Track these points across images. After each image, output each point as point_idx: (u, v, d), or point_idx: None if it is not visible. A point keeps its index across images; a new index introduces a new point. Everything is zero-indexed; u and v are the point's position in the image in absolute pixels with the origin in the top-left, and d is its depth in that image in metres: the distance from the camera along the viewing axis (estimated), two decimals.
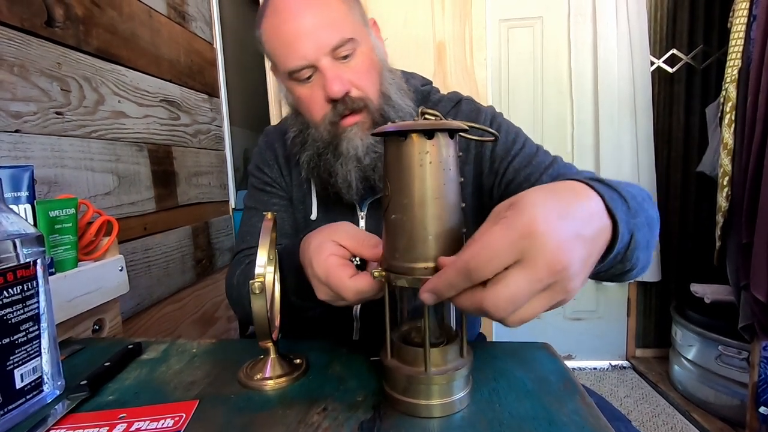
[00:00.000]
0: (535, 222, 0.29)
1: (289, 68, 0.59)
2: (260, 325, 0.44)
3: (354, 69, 0.59)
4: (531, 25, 1.89)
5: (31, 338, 0.43)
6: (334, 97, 0.58)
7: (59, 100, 0.85)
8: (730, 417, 1.50)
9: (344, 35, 0.57)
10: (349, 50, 0.58)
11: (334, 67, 0.58)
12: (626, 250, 0.40)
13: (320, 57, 0.57)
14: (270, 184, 0.76)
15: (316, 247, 0.45)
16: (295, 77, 0.60)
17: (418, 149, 0.35)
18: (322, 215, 0.71)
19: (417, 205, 0.35)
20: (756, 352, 1.30)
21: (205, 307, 1.41)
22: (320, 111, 0.61)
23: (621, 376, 1.91)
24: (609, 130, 1.82)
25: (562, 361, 0.49)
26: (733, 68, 1.33)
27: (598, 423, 0.37)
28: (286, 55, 0.58)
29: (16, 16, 0.76)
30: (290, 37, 0.57)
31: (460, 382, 0.39)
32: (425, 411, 0.38)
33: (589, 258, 0.33)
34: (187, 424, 0.38)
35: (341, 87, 0.57)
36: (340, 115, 0.60)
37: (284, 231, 0.74)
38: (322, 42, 0.57)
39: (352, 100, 0.59)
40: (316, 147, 0.64)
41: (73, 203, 0.65)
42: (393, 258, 0.37)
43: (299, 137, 0.67)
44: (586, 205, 0.34)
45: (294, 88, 0.62)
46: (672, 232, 1.91)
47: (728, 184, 1.36)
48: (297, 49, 0.57)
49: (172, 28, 1.26)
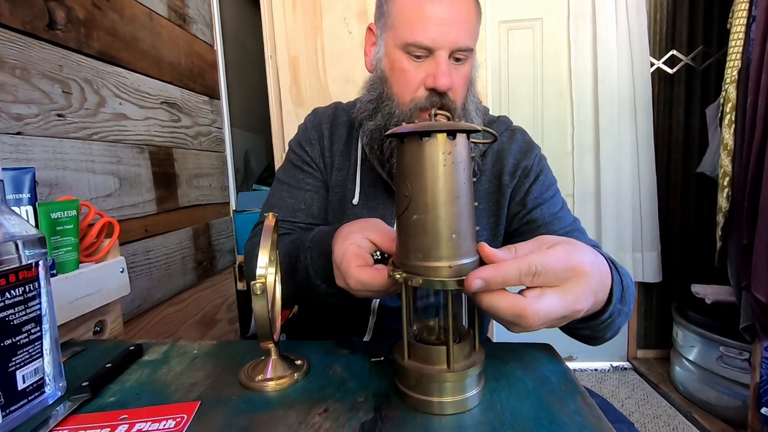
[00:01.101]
0: (585, 265, 0.37)
1: (411, 41, 0.60)
2: (261, 326, 0.44)
3: (459, 74, 0.63)
4: (531, 26, 1.89)
5: (33, 340, 0.43)
6: (440, 88, 0.60)
7: (60, 103, 0.86)
8: (731, 418, 1.50)
9: (470, 43, 0.62)
10: (464, 56, 0.63)
11: (448, 63, 0.61)
12: (601, 325, 0.48)
13: (444, 48, 0.60)
14: (309, 164, 0.76)
15: (345, 235, 0.48)
16: (409, 50, 0.61)
17: (442, 149, 0.36)
18: (364, 201, 0.72)
19: (441, 205, 0.36)
20: (757, 352, 1.29)
21: (206, 309, 1.41)
22: (413, 91, 0.63)
23: (622, 378, 1.91)
24: (609, 131, 1.82)
25: (563, 362, 0.49)
26: (733, 69, 1.33)
27: (600, 423, 0.37)
28: (417, 28, 0.60)
29: (17, 18, 0.76)
30: (431, 16, 0.59)
31: (473, 380, 0.40)
32: (437, 408, 0.39)
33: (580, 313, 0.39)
34: (188, 425, 0.39)
35: (449, 82, 0.60)
36: (432, 105, 0.61)
37: (311, 212, 0.74)
38: (454, 37, 0.59)
39: (447, 97, 0.62)
40: (389, 121, 0.65)
41: (75, 205, 0.65)
42: (416, 258, 0.37)
43: (374, 104, 0.67)
44: (606, 281, 0.43)
45: (400, 58, 0.63)
46: (672, 233, 1.91)
47: (728, 185, 1.36)
48: (430, 31, 0.59)
49: (172, 30, 1.27)
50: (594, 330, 0.49)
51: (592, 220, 1.92)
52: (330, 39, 1.42)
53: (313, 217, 0.74)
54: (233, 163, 1.64)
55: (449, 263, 0.36)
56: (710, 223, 1.52)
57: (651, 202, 1.86)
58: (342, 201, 0.74)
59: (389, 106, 0.65)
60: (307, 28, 1.43)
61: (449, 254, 0.36)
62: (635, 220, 1.87)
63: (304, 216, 0.74)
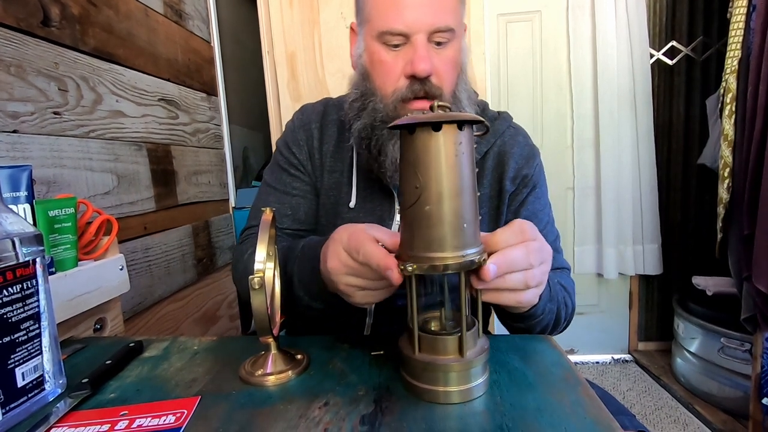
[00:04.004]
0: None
1: (386, 29, 0.58)
2: (260, 321, 0.44)
3: (442, 58, 0.59)
4: (529, 19, 1.88)
5: (32, 337, 0.43)
6: (418, 74, 0.57)
7: (57, 100, 0.85)
8: (733, 409, 1.50)
9: (448, 23, 0.57)
10: (446, 39, 0.58)
11: (427, 47, 0.58)
12: (534, 319, 0.54)
13: (420, 31, 0.57)
14: (296, 167, 0.72)
15: (345, 227, 0.47)
16: (385, 39, 0.59)
17: (453, 140, 0.36)
18: (360, 203, 0.69)
19: (453, 195, 0.37)
20: (759, 343, 1.29)
21: (207, 306, 1.41)
22: (394, 82, 0.60)
23: (623, 370, 1.91)
24: (609, 124, 1.82)
25: (564, 353, 0.49)
26: (733, 59, 1.32)
27: (600, 414, 0.37)
28: (389, 15, 0.57)
29: (11, 15, 0.76)
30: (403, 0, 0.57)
31: (478, 369, 0.40)
32: (443, 397, 0.39)
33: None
34: (188, 420, 0.38)
35: (428, 66, 0.57)
36: (414, 94, 0.59)
37: (297, 218, 0.72)
38: (429, 19, 0.57)
39: (430, 84, 0.58)
40: (374, 118, 0.62)
41: (72, 203, 0.65)
42: (428, 249, 0.38)
43: (358, 102, 0.65)
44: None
45: (378, 49, 0.60)
46: (673, 224, 1.90)
47: (729, 176, 1.35)
48: (403, 15, 0.57)
49: (169, 26, 1.26)
50: (528, 323, 0.55)
51: (592, 214, 1.92)
52: (327, 34, 1.41)
53: (300, 223, 0.72)
54: (232, 159, 1.63)
55: (462, 252, 0.37)
56: (711, 214, 1.52)
57: (651, 195, 1.85)
58: (336, 204, 0.70)
59: (373, 102, 0.62)
60: (304, 23, 1.42)
61: (461, 243, 0.37)
62: (636, 213, 1.87)
63: (290, 222, 0.71)
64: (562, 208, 1.96)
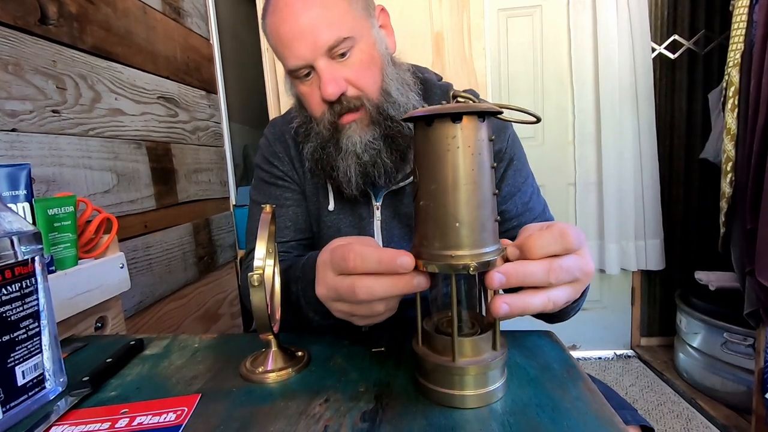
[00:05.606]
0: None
1: (289, 68, 0.60)
2: (260, 318, 0.43)
3: (351, 67, 0.59)
4: (530, 13, 1.87)
5: (32, 335, 0.43)
6: (328, 99, 0.58)
7: (55, 99, 0.85)
8: (736, 404, 1.50)
9: (341, 34, 0.56)
10: (346, 48, 0.58)
11: (330, 67, 0.58)
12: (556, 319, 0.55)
13: (317, 57, 0.57)
14: (282, 178, 0.73)
15: (329, 245, 0.44)
16: (295, 75, 0.61)
17: (445, 134, 0.34)
18: (339, 206, 0.70)
19: (445, 191, 0.35)
20: (761, 338, 1.29)
21: (208, 304, 1.41)
22: (319, 108, 0.61)
23: (626, 365, 1.91)
24: (610, 119, 1.81)
25: (566, 348, 0.49)
26: (736, 52, 1.31)
27: (602, 409, 0.36)
28: (284, 54, 0.59)
29: (8, 13, 0.75)
30: (288, 37, 0.57)
31: (496, 373, 0.38)
32: (459, 401, 0.37)
33: None
34: (189, 417, 0.38)
35: (335, 89, 0.57)
36: (338, 114, 0.60)
37: (299, 227, 0.73)
38: (318, 43, 0.56)
39: (348, 99, 0.59)
40: (317, 142, 0.64)
41: (72, 201, 0.65)
42: (421, 245, 0.37)
43: (303, 128, 0.67)
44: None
45: (295, 84, 0.63)
46: (676, 219, 1.89)
47: (732, 170, 1.34)
48: (294, 50, 0.57)
49: (167, 24, 1.26)
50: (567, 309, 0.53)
51: (594, 209, 1.91)
52: None
53: (302, 231, 0.73)
54: (232, 157, 1.63)
55: (454, 252, 0.35)
56: (713, 209, 1.51)
57: (653, 190, 1.85)
58: (318, 208, 0.72)
59: (313, 127, 0.64)
60: None
61: (455, 243, 0.35)
62: (638, 208, 1.86)
63: (292, 233, 0.72)
64: (563, 204, 1.96)
